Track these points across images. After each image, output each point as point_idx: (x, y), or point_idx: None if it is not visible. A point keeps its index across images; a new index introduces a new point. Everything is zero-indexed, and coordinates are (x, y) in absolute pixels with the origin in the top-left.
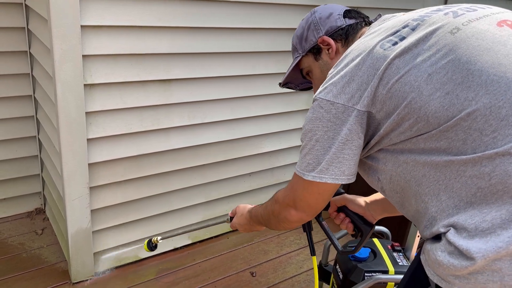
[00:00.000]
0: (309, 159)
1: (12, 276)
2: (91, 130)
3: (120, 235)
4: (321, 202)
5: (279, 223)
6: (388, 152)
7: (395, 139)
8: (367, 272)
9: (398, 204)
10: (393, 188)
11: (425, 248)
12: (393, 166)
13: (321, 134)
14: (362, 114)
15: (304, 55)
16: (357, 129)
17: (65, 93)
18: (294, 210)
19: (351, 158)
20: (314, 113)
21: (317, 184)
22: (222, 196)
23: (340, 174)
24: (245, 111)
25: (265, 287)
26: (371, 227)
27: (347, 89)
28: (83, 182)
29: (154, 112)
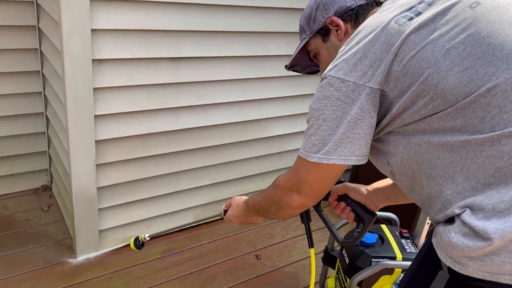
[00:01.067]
0: (314, 140)
1: (18, 251)
2: (99, 106)
3: (126, 214)
4: (325, 186)
5: (279, 210)
6: (399, 135)
7: (408, 118)
8: (374, 258)
9: (407, 188)
10: (403, 172)
11: (437, 230)
12: (404, 149)
13: (329, 113)
14: (375, 92)
15: (312, 37)
16: (369, 108)
17: (73, 68)
18: (296, 194)
19: (361, 138)
20: (322, 92)
21: (323, 166)
22: (229, 179)
23: (350, 155)
24: (255, 93)
25: (270, 270)
26: (373, 215)
27: (359, 67)
28: (89, 159)
29: (162, 90)
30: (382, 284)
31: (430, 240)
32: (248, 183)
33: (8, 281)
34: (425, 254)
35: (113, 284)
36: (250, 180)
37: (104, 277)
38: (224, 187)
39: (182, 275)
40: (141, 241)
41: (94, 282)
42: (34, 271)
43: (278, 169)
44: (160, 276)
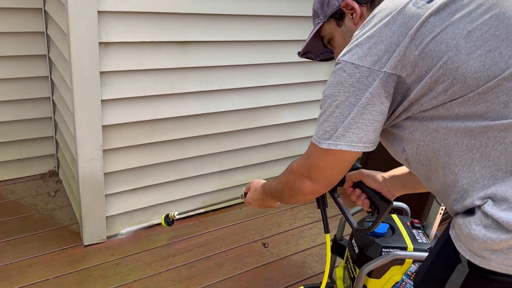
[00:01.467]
0: (326, 126)
1: (25, 236)
2: (105, 91)
3: (133, 200)
4: (337, 173)
5: (293, 196)
6: (416, 120)
7: (426, 104)
8: (384, 248)
9: (423, 177)
10: (419, 160)
11: (456, 222)
12: (421, 135)
13: (341, 99)
14: (388, 77)
15: (326, 21)
16: (379, 93)
17: (80, 51)
18: (308, 181)
19: (370, 124)
20: (336, 77)
21: (333, 153)
22: (236, 166)
23: (357, 141)
24: (265, 79)
25: (277, 259)
26: (389, 203)
27: (374, 51)
28: (96, 144)
29: (170, 75)
30: (392, 274)
31: (448, 232)
32: (256, 171)
33: (15, 265)
34: (443, 246)
35: (119, 270)
36: (258, 168)
37: (111, 262)
38: (232, 174)
39: (188, 262)
40: (171, 218)
41: (101, 268)
42: (41, 256)
43: (286, 157)
44: (166, 263)
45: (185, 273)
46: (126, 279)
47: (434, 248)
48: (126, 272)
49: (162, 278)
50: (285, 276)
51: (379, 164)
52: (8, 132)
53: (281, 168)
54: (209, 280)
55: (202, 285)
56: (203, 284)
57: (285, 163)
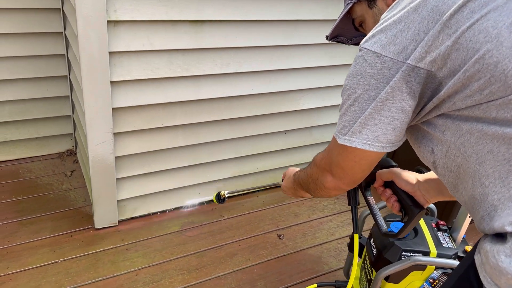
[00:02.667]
0: (345, 121)
1: (37, 216)
2: (115, 72)
3: (145, 185)
4: (359, 171)
5: (317, 189)
6: (449, 118)
7: (459, 103)
8: (405, 251)
9: (450, 185)
10: (447, 165)
11: (483, 247)
12: (452, 136)
13: (360, 92)
14: (411, 71)
15: (357, 2)
16: (400, 88)
17: (87, 29)
18: (330, 176)
19: (389, 122)
20: (356, 67)
21: (350, 149)
22: (253, 153)
23: (373, 139)
24: (285, 61)
25: (292, 252)
26: (420, 209)
27: (399, 39)
28: (106, 127)
29: (183, 56)
30: (411, 280)
31: (473, 255)
32: (275, 158)
33: (26, 246)
34: (465, 272)
35: (129, 256)
36: (277, 155)
37: (121, 247)
38: (249, 161)
39: (199, 250)
40: (222, 197)
41: (111, 253)
42: (52, 238)
43: (307, 145)
44: (177, 251)
45: (195, 262)
46: (134, 266)
47: (456, 272)
48: (135, 258)
49: (171, 267)
50: (299, 271)
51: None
52: (25, 111)
53: (302, 156)
54: (219, 271)
55: (211, 276)
56: (212, 275)
57: (306, 151)
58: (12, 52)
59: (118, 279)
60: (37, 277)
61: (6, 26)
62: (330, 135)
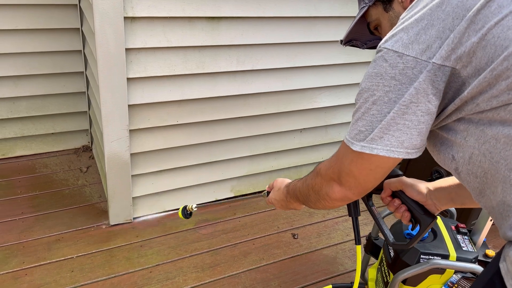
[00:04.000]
0: (361, 126)
1: (53, 211)
2: (132, 68)
3: (160, 182)
4: (372, 180)
5: (319, 200)
6: (471, 123)
7: (483, 105)
8: (423, 254)
9: (475, 191)
10: (472, 171)
11: (509, 255)
12: (476, 142)
13: (380, 94)
14: (437, 70)
15: (372, 5)
16: (426, 89)
17: (104, 26)
18: (338, 185)
19: (414, 126)
20: (375, 68)
21: (368, 157)
22: (268, 151)
23: (398, 145)
24: (302, 59)
25: (307, 252)
26: (432, 218)
27: (422, 37)
28: (122, 124)
29: (199, 53)
30: (430, 283)
31: (497, 263)
32: (289, 157)
33: (42, 241)
34: (490, 280)
35: (143, 253)
36: (292, 154)
37: (135, 244)
38: (263, 159)
39: (213, 248)
40: (188, 211)
41: (125, 249)
42: (67, 233)
43: (323, 143)
44: (191, 248)
45: (208, 260)
46: (149, 263)
47: (480, 280)
48: (150, 255)
49: (185, 264)
50: (314, 271)
51: (420, 170)
52: (42, 106)
53: (318, 155)
54: (233, 270)
55: (225, 275)
56: (226, 273)
57: (322, 149)
58: (29, 48)
59: (132, 275)
60: (52, 272)
61: (23, 22)
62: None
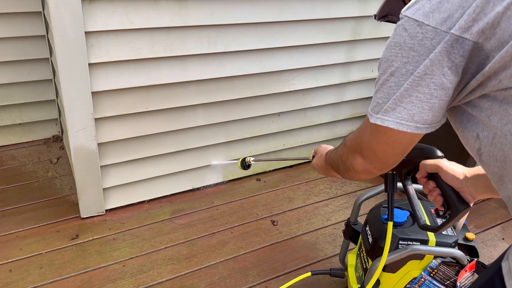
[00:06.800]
0: (379, 97)
1: (21, 205)
2: (93, 53)
3: (132, 172)
4: (392, 155)
5: (347, 171)
6: (495, 101)
7: (506, 81)
8: (402, 240)
9: (495, 176)
10: (493, 153)
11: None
12: (499, 122)
13: (398, 66)
14: (455, 42)
15: None
16: (441, 61)
17: (60, 8)
18: (360, 157)
19: (426, 100)
20: (395, 37)
21: (383, 130)
22: (245, 137)
23: (408, 119)
24: (278, 39)
25: (286, 238)
26: (466, 207)
27: (444, 5)
28: (86, 112)
29: (167, 35)
30: (409, 269)
31: (500, 262)
32: (267, 142)
33: (9, 237)
34: (490, 280)
35: (116, 246)
36: (270, 139)
37: (108, 237)
38: (240, 145)
39: (190, 239)
40: (247, 163)
41: (97, 243)
42: (36, 228)
43: (302, 127)
44: (166, 239)
45: (185, 251)
46: (122, 256)
47: (479, 279)
48: (123, 248)
49: (160, 257)
50: (293, 258)
51: None
52: (6, 95)
53: (297, 139)
54: (210, 260)
55: (202, 266)
56: (203, 264)
57: (301, 133)
58: None
59: (104, 270)
60: (19, 270)
61: None
62: (326, 117)
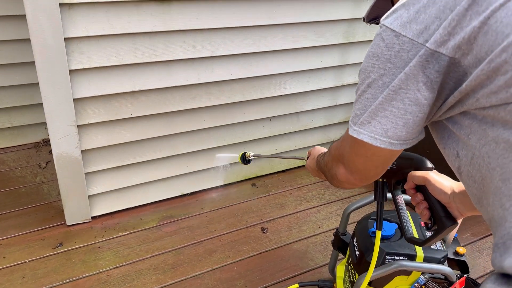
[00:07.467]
0: (357, 108)
1: (7, 212)
2: (74, 59)
3: (118, 178)
4: (372, 167)
5: (332, 179)
6: (475, 120)
7: (483, 100)
8: (388, 255)
9: (475, 198)
10: (471, 174)
11: None
12: (477, 142)
13: (375, 77)
14: (430, 56)
15: None
16: (416, 76)
17: (37, 14)
18: (343, 167)
19: (400, 115)
20: (373, 47)
21: (362, 143)
22: (236, 142)
23: (381, 133)
24: (267, 43)
25: (276, 247)
26: (452, 223)
27: (422, 16)
28: (68, 119)
29: (150, 40)
30: (396, 285)
31: None
32: (259, 146)
33: None
34: None
35: (101, 255)
36: (262, 143)
37: (93, 246)
38: (231, 150)
39: (177, 247)
40: (247, 158)
41: (81, 251)
42: (21, 236)
43: (295, 131)
44: (153, 248)
45: (171, 260)
46: (106, 265)
47: None
48: (108, 257)
49: (145, 266)
50: (282, 268)
51: None
52: None
53: (290, 143)
54: (196, 270)
55: (188, 276)
56: (189, 274)
57: (294, 137)
58: None
59: (88, 280)
60: (2, 279)
61: None
62: (319, 121)
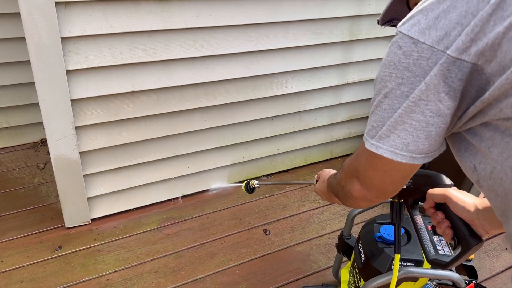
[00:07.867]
0: (373, 120)
1: (5, 214)
2: (71, 59)
3: (119, 180)
4: (389, 183)
5: (346, 198)
6: (497, 131)
7: (507, 111)
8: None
9: (498, 210)
10: (493, 188)
11: None
12: (500, 156)
13: (392, 87)
14: (451, 64)
15: None
16: (437, 86)
17: (32, 13)
18: (358, 183)
19: (421, 128)
20: (389, 55)
21: (380, 157)
22: (237, 142)
23: (402, 148)
24: (269, 41)
25: (279, 249)
26: (478, 242)
27: (442, 22)
28: (66, 121)
29: (149, 39)
30: None
31: None
32: (261, 146)
33: None
34: None
35: (100, 258)
36: (264, 143)
37: (92, 249)
38: (233, 150)
39: (178, 250)
40: (251, 186)
41: (81, 255)
42: (19, 239)
43: (297, 131)
44: (153, 251)
45: (172, 264)
46: (106, 269)
47: None
48: (108, 261)
49: (146, 270)
50: (285, 271)
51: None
52: None
53: (292, 143)
54: (198, 274)
55: (189, 280)
56: (190, 278)
57: (296, 137)
58: None
59: (87, 284)
60: None
61: None
62: (322, 120)
